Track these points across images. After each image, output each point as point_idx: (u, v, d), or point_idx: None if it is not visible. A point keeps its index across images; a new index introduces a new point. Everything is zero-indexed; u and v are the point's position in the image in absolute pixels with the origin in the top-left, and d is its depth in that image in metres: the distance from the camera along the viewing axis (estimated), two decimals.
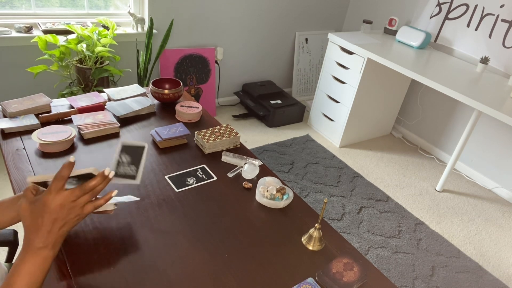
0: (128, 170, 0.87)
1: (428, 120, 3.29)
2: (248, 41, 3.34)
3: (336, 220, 2.37)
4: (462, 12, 2.83)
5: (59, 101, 1.48)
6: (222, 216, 1.07)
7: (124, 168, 0.87)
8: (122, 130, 1.38)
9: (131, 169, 0.87)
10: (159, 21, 2.81)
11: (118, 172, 0.86)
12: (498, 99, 2.22)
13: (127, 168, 0.87)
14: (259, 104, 3.33)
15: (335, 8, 3.70)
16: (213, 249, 0.97)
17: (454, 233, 2.44)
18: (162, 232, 0.99)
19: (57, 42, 2.21)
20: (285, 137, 3.18)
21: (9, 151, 1.19)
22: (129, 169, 0.87)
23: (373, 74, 2.90)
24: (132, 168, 0.87)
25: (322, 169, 2.83)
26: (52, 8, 2.51)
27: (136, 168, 0.87)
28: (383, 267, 2.09)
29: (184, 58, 3.02)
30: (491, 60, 2.71)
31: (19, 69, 2.43)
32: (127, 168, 0.87)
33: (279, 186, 1.17)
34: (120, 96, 1.54)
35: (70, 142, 1.24)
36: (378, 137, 3.45)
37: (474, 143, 2.99)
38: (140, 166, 0.88)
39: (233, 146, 1.39)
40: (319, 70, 3.87)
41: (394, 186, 2.80)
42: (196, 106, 1.53)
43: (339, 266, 0.94)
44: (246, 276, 0.91)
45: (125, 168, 0.87)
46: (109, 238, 0.95)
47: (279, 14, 3.38)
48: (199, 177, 1.20)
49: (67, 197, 0.73)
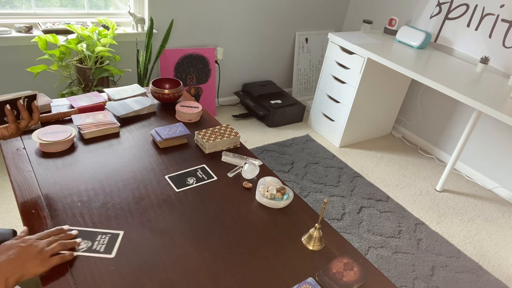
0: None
1: (428, 120, 3.29)
2: (248, 41, 3.34)
3: (336, 220, 2.37)
4: (462, 12, 2.83)
5: (59, 101, 1.48)
6: (222, 216, 1.07)
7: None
8: (122, 130, 1.38)
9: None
10: (159, 21, 2.81)
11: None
12: (498, 99, 2.22)
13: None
14: (259, 104, 3.33)
15: (335, 8, 3.70)
16: (213, 249, 0.97)
17: (454, 233, 2.44)
18: (162, 232, 0.99)
19: (57, 42, 2.21)
20: (285, 137, 3.18)
21: (9, 151, 1.19)
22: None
23: (373, 74, 2.90)
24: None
25: (322, 169, 2.83)
26: (52, 8, 2.51)
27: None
28: (383, 267, 2.09)
29: (184, 58, 3.02)
30: (491, 60, 2.71)
31: (19, 69, 2.43)
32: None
33: (279, 186, 1.17)
34: (120, 96, 1.54)
35: (70, 142, 1.24)
36: (378, 137, 3.45)
37: (474, 143, 2.99)
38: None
39: (233, 146, 1.39)
40: (319, 70, 3.87)
41: (394, 186, 2.80)
42: (196, 106, 1.53)
43: (339, 266, 0.94)
44: (246, 276, 0.91)
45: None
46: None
47: (279, 14, 3.38)
48: (199, 177, 1.20)
49: (37, 247, 0.85)
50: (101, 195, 1.07)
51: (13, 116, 1.00)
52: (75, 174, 1.13)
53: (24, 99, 1.01)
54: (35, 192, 1.05)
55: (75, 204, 1.03)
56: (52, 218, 0.98)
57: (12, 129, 1.02)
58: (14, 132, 1.02)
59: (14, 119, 1.01)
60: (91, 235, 0.95)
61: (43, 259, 0.83)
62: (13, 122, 1.01)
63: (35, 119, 1.05)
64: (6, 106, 0.98)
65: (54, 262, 0.84)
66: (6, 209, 2.07)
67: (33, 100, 1.04)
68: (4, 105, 0.98)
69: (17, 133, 1.04)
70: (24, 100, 1.01)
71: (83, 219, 0.99)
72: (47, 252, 0.84)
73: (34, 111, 1.05)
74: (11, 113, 1.00)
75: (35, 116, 1.05)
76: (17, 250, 0.82)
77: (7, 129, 1.02)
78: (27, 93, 1.01)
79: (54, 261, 0.84)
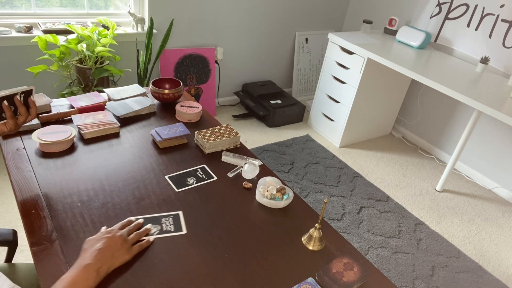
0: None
1: (428, 120, 3.29)
2: (248, 41, 3.34)
3: (336, 220, 2.37)
4: (462, 12, 2.83)
5: (59, 101, 1.48)
6: (222, 216, 1.07)
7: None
8: (122, 130, 1.38)
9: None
10: (159, 21, 2.81)
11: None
12: (498, 99, 2.22)
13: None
14: (259, 104, 3.33)
15: (335, 8, 3.70)
16: (213, 249, 0.97)
17: (454, 233, 2.44)
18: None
19: (57, 42, 2.21)
20: (285, 137, 3.18)
21: (9, 151, 1.19)
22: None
23: (373, 74, 2.90)
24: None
25: (322, 169, 2.83)
26: (52, 8, 2.51)
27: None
28: (383, 267, 2.09)
29: (184, 58, 3.02)
30: (491, 60, 2.71)
31: (19, 69, 2.43)
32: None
33: (279, 186, 1.17)
34: (120, 96, 1.53)
35: (70, 142, 1.24)
36: (378, 137, 3.45)
37: (474, 143, 2.99)
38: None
39: (233, 146, 1.39)
40: (319, 70, 3.87)
41: (394, 186, 2.80)
42: (196, 106, 1.53)
43: (339, 266, 0.94)
44: (246, 276, 0.91)
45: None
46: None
47: (279, 14, 3.38)
48: (199, 177, 1.20)
49: (122, 236, 0.90)
50: (101, 195, 1.07)
51: (11, 112, 1.01)
52: (75, 174, 1.13)
53: (21, 94, 1.02)
54: (35, 192, 1.05)
55: (75, 204, 1.03)
56: (52, 218, 0.98)
57: (10, 124, 1.02)
58: (12, 128, 1.03)
59: (12, 115, 1.02)
60: (156, 220, 1.01)
61: (127, 248, 0.89)
62: (11, 118, 1.02)
63: (33, 114, 1.06)
64: (4, 102, 0.99)
65: (136, 250, 0.91)
66: (6, 209, 2.07)
67: (30, 95, 1.05)
68: (1, 101, 0.99)
69: (16, 128, 1.05)
70: (21, 96, 1.02)
71: (83, 219, 0.99)
72: (130, 242, 0.91)
73: (31, 106, 1.05)
74: (9, 109, 1.00)
75: (32, 111, 1.06)
76: (105, 241, 0.87)
77: (6, 125, 1.02)
78: (23, 89, 1.02)
79: (136, 249, 0.91)
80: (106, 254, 0.84)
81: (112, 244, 0.87)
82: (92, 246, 0.85)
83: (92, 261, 0.81)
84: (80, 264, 0.81)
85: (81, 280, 0.78)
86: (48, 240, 0.92)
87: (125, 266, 0.88)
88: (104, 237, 0.88)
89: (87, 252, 0.84)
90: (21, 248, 1.85)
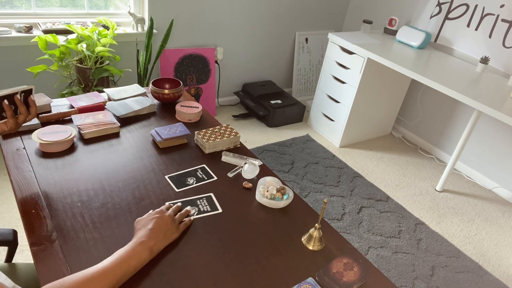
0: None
1: (428, 120, 3.29)
2: (248, 41, 3.34)
3: (336, 220, 2.37)
4: (462, 12, 2.83)
5: (59, 101, 1.48)
6: (222, 216, 1.07)
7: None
8: (122, 130, 1.38)
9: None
10: (159, 21, 2.81)
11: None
12: (498, 99, 2.22)
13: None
14: (259, 104, 3.33)
15: (335, 8, 3.70)
16: (213, 249, 0.97)
17: (454, 233, 2.44)
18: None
19: (57, 42, 2.21)
20: (285, 137, 3.18)
21: (9, 151, 1.19)
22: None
23: (373, 74, 2.90)
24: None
25: (322, 169, 2.83)
26: (52, 8, 2.51)
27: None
28: (383, 267, 2.09)
29: (184, 58, 3.02)
30: (491, 60, 2.71)
31: (19, 69, 2.43)
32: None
33: (279, 186, 1.17)
34: (120, 96, 1.53)
35: (70, 142, 1.24)
36: (378, 137, 3.45)
37: (474, 143, 2.99)
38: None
39: (233, 146, 1.39)
40: (319, 70, 3.87)
41: (394, 186, 2.80)
42: (196, 106, 1.53)
43: (339, 266, 0.94)
44: (246, 276, 0.91)
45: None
46: (109, 238, 0.95)
47: (279, 14, 3.38)
48: (199, 177, 1.20)
49: (170, 216, 0.98)
50: (101, 195, 1.07)
51: (11, 111, 1.01)
52: (75, 174, 1.13)
53: (21, 93, 1.02)
54: (35, 192, 1.05)
55: (75, 204, 1.03)
56: (52, 218, 0.98)
57: (11, 123, 1.03)
58: (13, 126, 1.04)
59: (13, 114, 1.02)
60: (192, 202, 1.09)
61: (176, 227, 0.97)
62: (12, 117, 1.02)
63: (33, 113, 1.07)
64: (4, 101, 0.99)
65: (182, 228, 0.99)
66: (6, 209, 2.07)
67: (30, 94, 1.05)
68: (2, 100, 0.99)
69: (16, 127, 1.05)
70: (21, 95, 1.02)
71: (83, 219, 0.99)
72: (177, 221, 0.98)
73: (31, 105, 1.06)
74: (9, 108, 1.01)
75: (32, 110, 1.06)
76: (156, 221, 0.93)
77: (6, 124, 1.03)
78: (24, 88, 1.02)
79: (182, 228, 0.99)
80: (158, 233, 0.91)
81: (163, 223, 0.94)
82: (145, 226, 0.92)
83: (147, 238, 0.88)
84: (136, 241, 0.87)
85: (136, 254, 0.84)
86: (48, 240, 0.92)
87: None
88: (155, 217, 0.94)
89: (141, 231, 0.90)
90: (21, 248, 1.85)
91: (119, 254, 0.83)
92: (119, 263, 0.81)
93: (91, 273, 0.77)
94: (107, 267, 0.79)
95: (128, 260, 0.82)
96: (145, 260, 0.86)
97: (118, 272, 0.80)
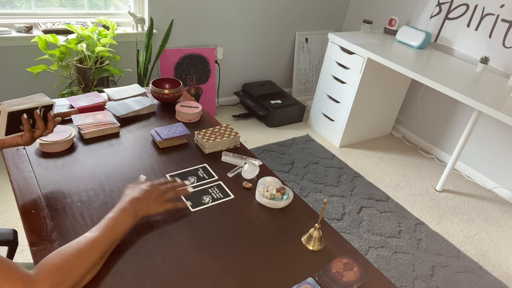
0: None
1: (428, 120, 3.29)
2: (248, 41, 3.34)
3: (336, 220, 2.37)
4: (462, 12, 2.83)
5: (59, 101, 1.48)
6: (222, 216, 1.07)
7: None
8: (122, 130, 1.38)
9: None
10: (159, 21, 2.81)
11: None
12: (498, 99, 2.22)
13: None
14: (259, 104, 3.33)
15: (335, 8, 3.70)
16: (213, 249, 0.97)
17: (454, 233, 2.44)
18: (162, 232, 0.99)
19: (57, 42, 2.21)
20: (285, 137, 3.18)
21: (9, 151, 1.19)
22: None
23: (373, 74, 2.90)
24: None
25: (322, 169, 2.83)
26: (52, 8, 2.51)
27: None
28: (383, 267, 2.09)
29: (184, 58, 3.02)
30: (491, 60, 2.71)
31: (19, 69, 2.43)
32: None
33: (279, 186, 1.17)
34: (120, 96, 1.54)
35: (70, 142, 1.24)
36: (378, 137, 3.45)
37: (474, 143, 2.99)
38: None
39: (233, 146, 1.39)
40: (319, 70, 3.87)
41: (394, 186, 2.80)
42: (196, 106, 1.53)
43: (339, 266, 0.94)
44: (246, 276, 0.91)
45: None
46: None
47: (279, 14, 3.38)
48: (200, 177, 1.20)
49: (159, 191, 1.03)
50: (101, 195, 1.07)
51: (29, 125, 0.99)
52: (75, 174, 1.13)
53: (41, 109, 1.01)
54: (35, 192, 1.05)
55: (75, 204, 1.03)
56: (52, 218, 0.98)
57: (26, 137, 1.01)
58: (28, 141, 1.02)
59: (30, 128, 1.00)
60: (203, 191, 1.14)
61: (161, 202, 1.00)
62: (29, 131, 1.00)
63: (50, 129, 1.05)
64: (23, 115, 0.97)
65: (168, 206, 1.02)
66: (6, 209, 2.07)
67: (50, 110, 1.03)
68: (22, 114, 0.97)
69: (31, 142, 1.03)
70: (41, 110, 1.01)
71: (83, 219, 0.99)
72: (164, 197, 1.02)
73: (49, 121, 1.04)
74: (27, 122, 0.99)
75: (50, 126, 1.05)
76: (143, 191, 0.99)
77: (22, 137, 1.01)
78: (44, 103, 1.01)
79: (168, 206, 1.02)
80: (141, 203, 0.96)
81: (148, 196, 0.99)
82: (132, 194, 0.98)
83: (129, 206, 0.94)
84: (119, 207, 0.94)
85: (121, 221, 0.91)
86: (48, 240, 0.92)
87: (124, 264, 0.88)
88: (144, 189, 1.00)
89: (127, 197, 0.97)
90: (21, 248, 1.85)
91: (105, 223, 0.89)
92: (106, 232, 0.87)
93: (83, 244, 0.83)
94: (97, 238, 0.85)
95: (114, 229, 0.89)
96: (129, 226, 0.93)
97: (108, 241, 0.87)
